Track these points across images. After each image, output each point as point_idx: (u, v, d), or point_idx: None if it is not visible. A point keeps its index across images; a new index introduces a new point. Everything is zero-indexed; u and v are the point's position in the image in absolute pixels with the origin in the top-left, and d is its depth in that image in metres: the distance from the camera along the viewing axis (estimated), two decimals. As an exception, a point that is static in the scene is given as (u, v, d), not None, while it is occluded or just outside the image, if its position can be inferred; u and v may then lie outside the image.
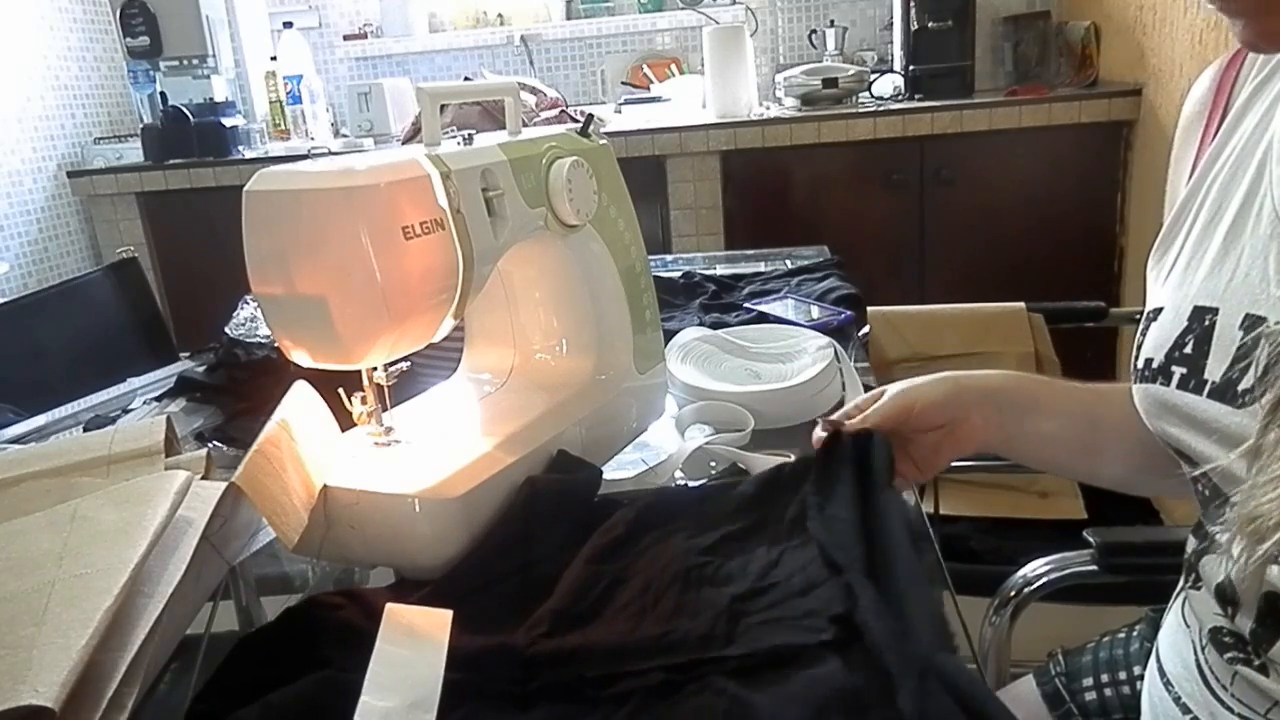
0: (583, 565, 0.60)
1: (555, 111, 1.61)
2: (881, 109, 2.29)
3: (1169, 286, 0.60)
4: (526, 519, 0.64)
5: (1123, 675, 0.78)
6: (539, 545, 0.63)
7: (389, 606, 0.53)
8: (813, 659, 0.49)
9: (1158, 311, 0.60)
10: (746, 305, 1.24)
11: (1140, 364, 0.60)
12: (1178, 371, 0.56)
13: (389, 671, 0.48)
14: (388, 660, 0.49)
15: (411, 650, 0.50)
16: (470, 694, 0.49)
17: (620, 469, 0.78)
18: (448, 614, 0.53)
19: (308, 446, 0.64)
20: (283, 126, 2.79)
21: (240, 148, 2.61)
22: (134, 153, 2.66)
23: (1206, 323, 0.54)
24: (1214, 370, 0.53)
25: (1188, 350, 0.55)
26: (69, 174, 2.62)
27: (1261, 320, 0.51)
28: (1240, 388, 0.51)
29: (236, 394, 1.00)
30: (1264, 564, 0.46)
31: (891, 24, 2.62)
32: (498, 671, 0.51)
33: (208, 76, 2.70)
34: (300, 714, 0.48)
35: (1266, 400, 0.46)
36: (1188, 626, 0.61)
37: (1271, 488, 0.44)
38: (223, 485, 0.63)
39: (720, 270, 1.48)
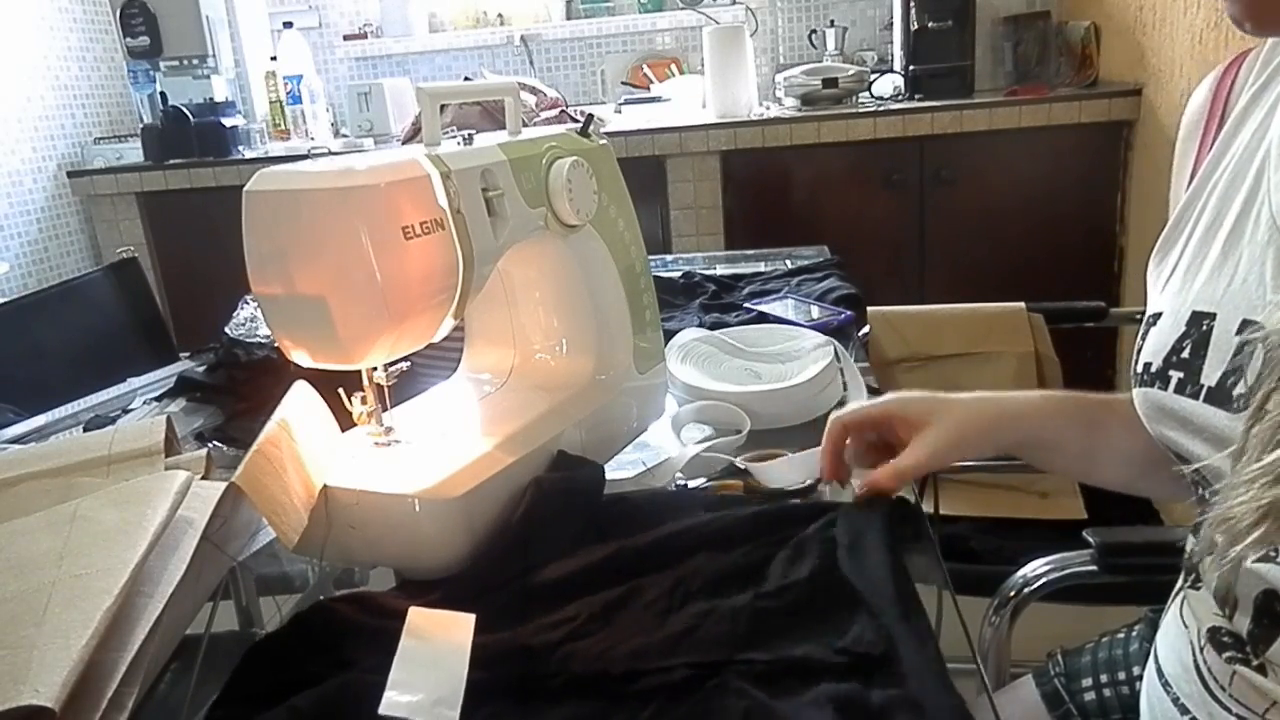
0: (606, 564, 0.60)
1: (555, 111, 1.61)
2: (881, 109, 2.28)
3: (1168, 292, 0.60)
4: (533, 520, 0.64)
5: (1121, 675, 0.78)
6: (548, 545, 0.63)
7: (412, 610, 0.53)
8: (834, 675, 0.49)
9: (1157, 316, 0.60)
10: (746, 305, 1.24)
11: (1139, 368, 0.60)
12: (1175, 376, 0.56)
13: (413, 669, 0.49)
14: (411, 658, 0.49)
15: (435, 649, 0.50)
16: (495, 692, 0.49)
17: (620, 469, 0.78)
18: (470, 617, 0.53)
19: (308, 446, 0.64)
20: (283, 126, 2.79)
21: (240, 148, 2.61)
22: (134, 153, 2.66)
23: (1204, 328, 0.55)
24: (1210, 375, 0.53)
25: (1185, 355, 0.56)
26: (69, 174, 2.61)
27: (1258, 326, 0.51)
28: (1236, 393, 0.51)
29: (236, 394, 1.00)
30: (1236, 566, 0.46)
31: (891, 24, 2.62)
32: (521, 669, 0.51)
33: (208, 76, 2.70)
34: (325, 716, 0.48)
35: (1253, 401, 0.46)
36: (1186, 627, 0.61)
37: (1245, 489, 0.44)
38: (223, 485, 0.63)
39: (720, 270, 1.48)
